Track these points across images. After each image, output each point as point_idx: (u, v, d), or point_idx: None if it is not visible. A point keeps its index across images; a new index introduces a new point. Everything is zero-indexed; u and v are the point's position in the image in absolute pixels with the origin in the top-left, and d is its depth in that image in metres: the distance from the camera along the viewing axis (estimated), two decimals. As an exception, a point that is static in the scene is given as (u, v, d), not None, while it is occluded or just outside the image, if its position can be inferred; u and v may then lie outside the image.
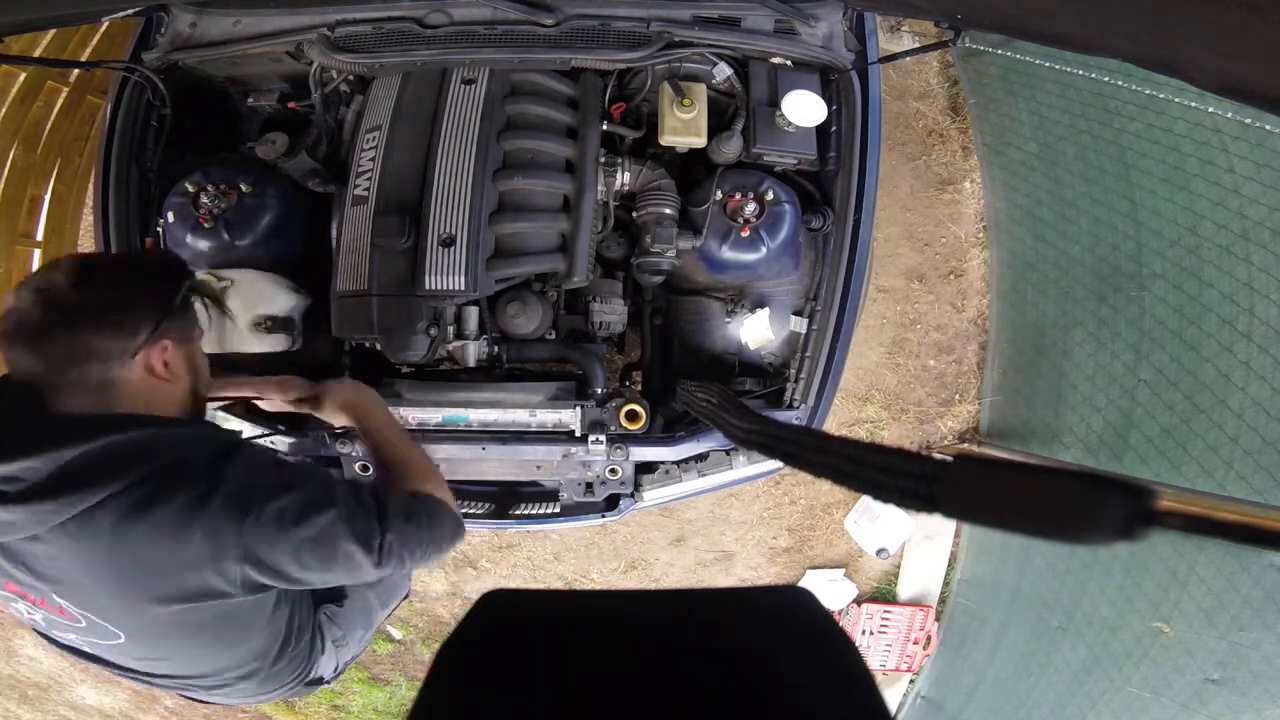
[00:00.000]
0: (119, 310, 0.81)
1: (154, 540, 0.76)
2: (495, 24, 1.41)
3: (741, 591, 0.42)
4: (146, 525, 0.76)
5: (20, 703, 2.82)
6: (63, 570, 0.78)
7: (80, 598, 0.81)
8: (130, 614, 0.82)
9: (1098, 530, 0.35)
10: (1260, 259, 1.56)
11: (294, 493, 0.82)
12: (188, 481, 0.78)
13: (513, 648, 0.32)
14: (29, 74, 1.97)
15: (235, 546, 0.79)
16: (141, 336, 0.81)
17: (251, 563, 0.80)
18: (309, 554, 0.82)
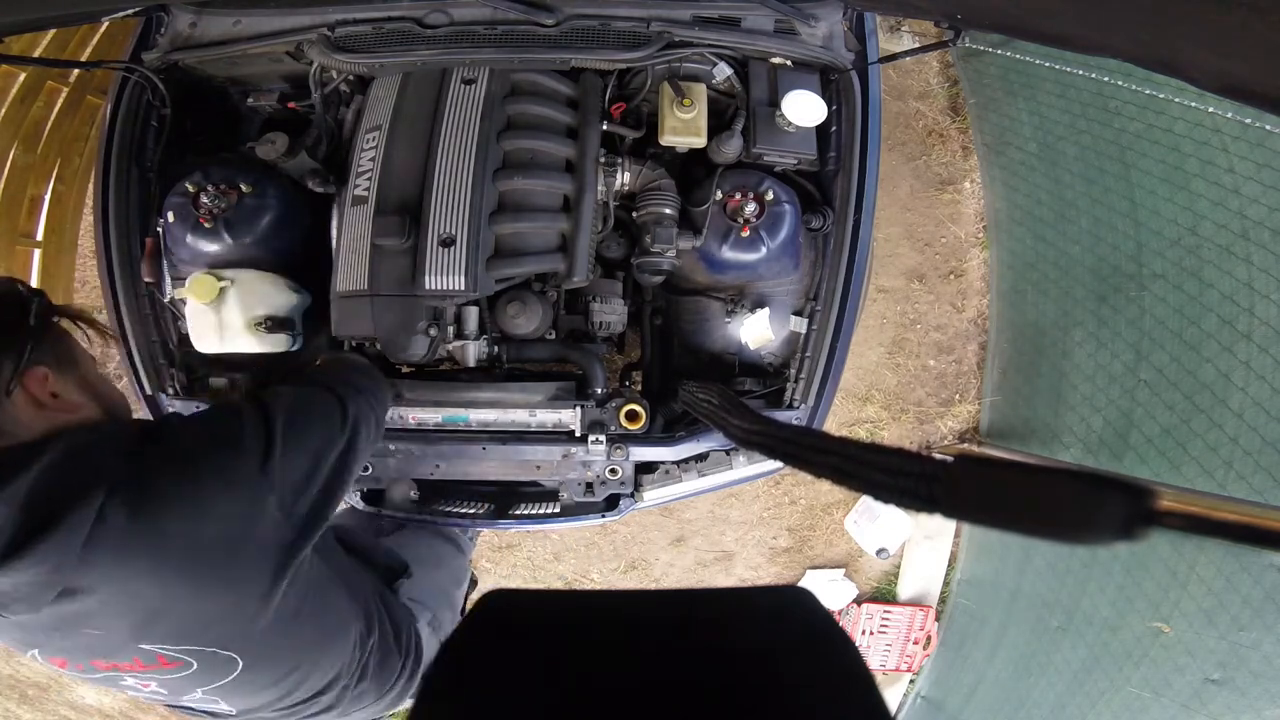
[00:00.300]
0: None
1: (185, 516, 0.72)
2: (495, 24, 1.41)
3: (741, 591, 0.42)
4: (164, 505, 0.71)
5: (20, 703, 2.82)
6: (126, 607, 0.72)
7: (166, 627, 0.76)
8: (222, 617, 0.79)
9: (1098, 530, 0.35)
10: (1260, 259, 1.56)
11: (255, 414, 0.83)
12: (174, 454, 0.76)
13: (513, 648, 0.32)
14: (29, 74, 1.97)
15: (259, 483, 0.78)
16: (6, 371, 0.71)
17: (279, 487, 0.79)
18: (299, 442, 0.83)
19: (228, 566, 0.76)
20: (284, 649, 0.90)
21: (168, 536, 0.71)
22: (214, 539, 0.74)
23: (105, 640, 0.75)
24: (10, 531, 0.64)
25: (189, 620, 0.76)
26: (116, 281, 1.45)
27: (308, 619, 0.91)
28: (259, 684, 0.90)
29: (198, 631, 0.78)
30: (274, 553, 0.80)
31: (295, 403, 0.89)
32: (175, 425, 0.82)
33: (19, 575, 0.64)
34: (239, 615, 0.80)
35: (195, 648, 0.79)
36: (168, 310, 1.49)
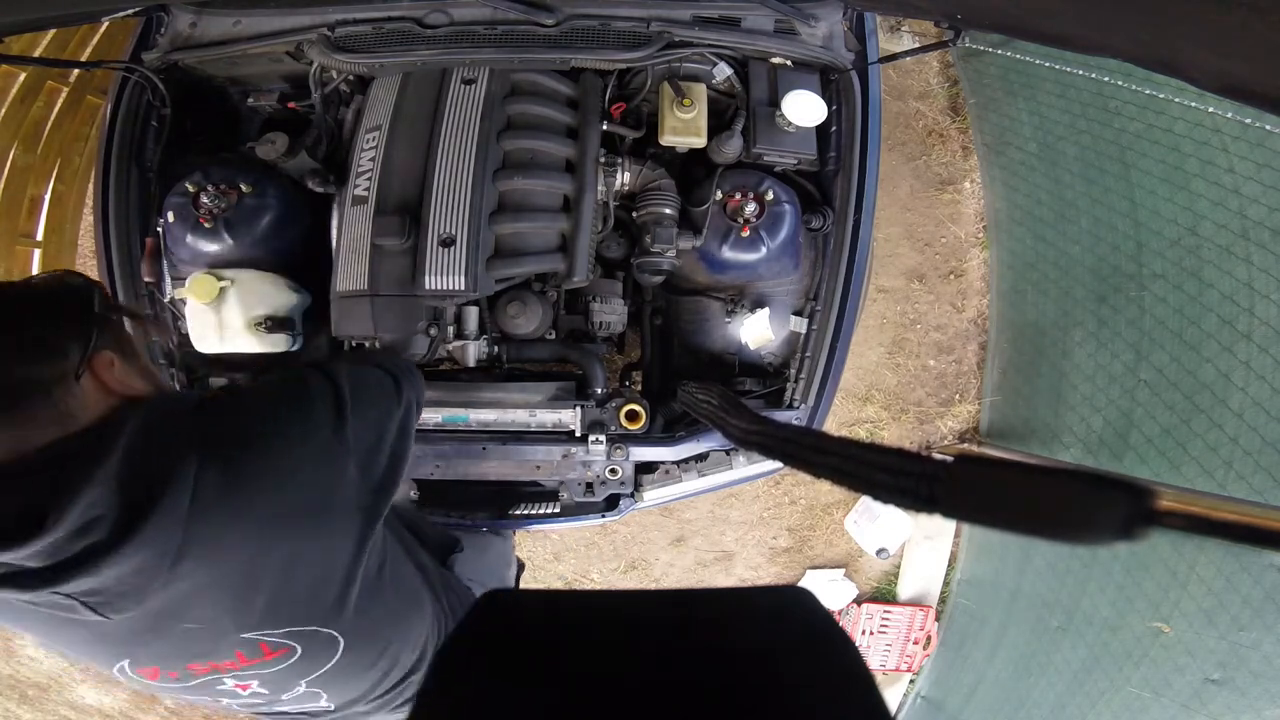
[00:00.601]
0: (35, 328, 0.66)
1: (274, 479, 0.71)
2: (495, 24, 1.41)
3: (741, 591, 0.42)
4: (254, 471, 0.70)
5: (20, 703, 2.82)
6: (226, 589, 0.70)
7: (267, 608, 0.73)
8: (319, 589, 0.77)
9: (1098, 530, 0.35)
10: (1260, 259, 1.56)
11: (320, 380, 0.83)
12: (251, 420, 0.75)
13: (513, 648, 0.32)
14: (29, 74, 1.97)
15: (336, 445, 0.77)
16: (74, 355, 0.67)
17: (355, 450, 0.79)
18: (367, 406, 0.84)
19: (318, 530, 0.75)
20: (376, 622, 0.88)
21: (259, 503, 0.70)
22: (303, 501, 0.73)
23: (206, 635, 0.72)
24: (112, 515, 0.60)
25: (288, 596, 0.74)
26: (116, 281, 1.45)
27: (389, 588, 0.90)
28: (358, 666, 0.88)
29: (298, 608, 0.76)
30: (358, 515, 0.79)
31: (354, 372, 0.88)
32: (244, 392, 0.80)
33: (124, 563, 0.61)
34: (333, 584, 0.78)
35: (297, 629, 0.77)
36: (168, 310, 1.49)
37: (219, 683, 0.81)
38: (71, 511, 0.58)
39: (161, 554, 0.63)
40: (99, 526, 0.60)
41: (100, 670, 0.79)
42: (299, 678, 0.84)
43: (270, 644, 0.77)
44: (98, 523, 0.60)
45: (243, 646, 0.76)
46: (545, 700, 0.29)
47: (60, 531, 0.58)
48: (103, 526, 0.60)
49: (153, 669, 0.77)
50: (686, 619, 0.35)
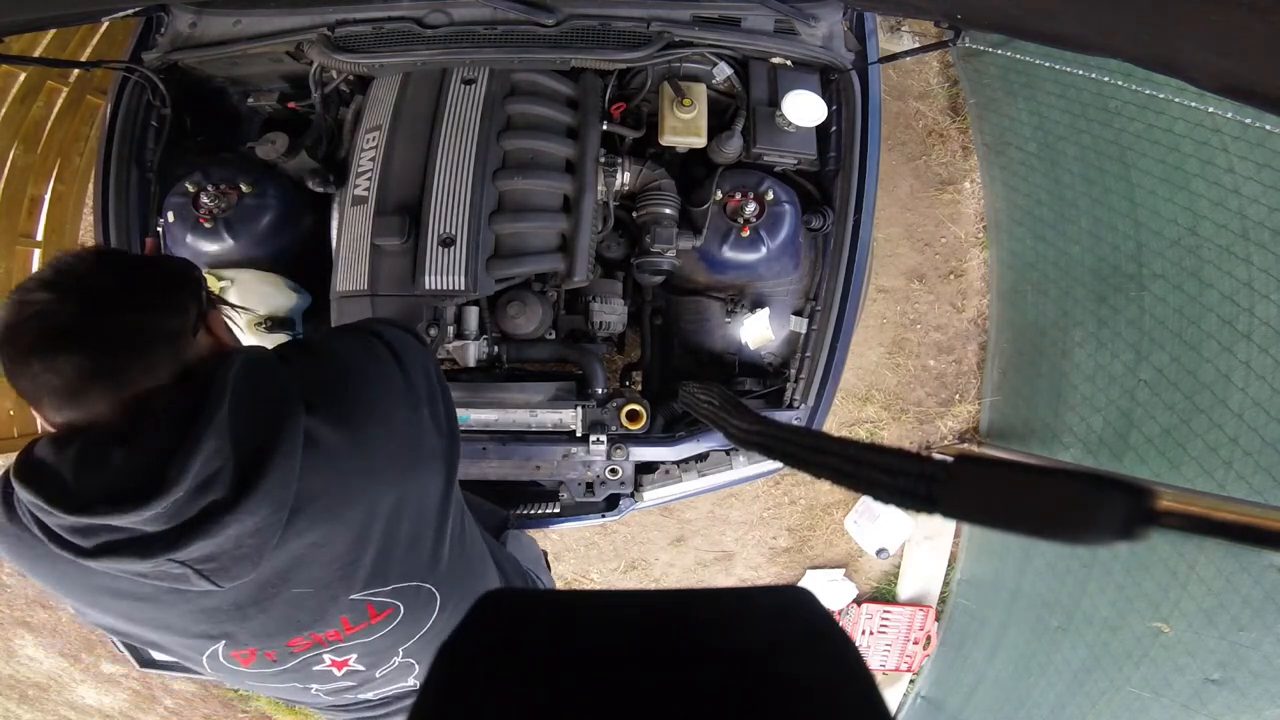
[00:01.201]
0: (164, 282, 0.67)
1: (376, 422, 0.70)
2: (495, 24, 1.41)
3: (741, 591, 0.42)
4: (356, 414, 0.69)
5: (20, 703, 2.82)
6: (337, 546, 0.67)
7: (373, 563, 0.71)
8: (418, 538, 0.76)
9: (1098, 530, 0.35)
10: (1260, 259, 1.56)
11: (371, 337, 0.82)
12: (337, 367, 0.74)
13: (513, 648, 0.32)
14: (29, 74, 1.97)
15: (410, 392, 0.77)
16: (193, 312, 0.67)
17: (424, 398, 0.79)
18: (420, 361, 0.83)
19: (416, 476, 0.74)
20: (465, 578, 0.87)
21: (371, 445, 0.68)
22: (402, 447, 0.73)
23: (313, 600, 0.69)
24: (230, 468, 0.57)
25: (393, 549, 0.73)
26: (116, 281, 1.45)
27: (469, 541, 0.90)
28: (453, 618, 0.85)
29: (401, 562, 0.74)
30: (440, 460, 0.78)
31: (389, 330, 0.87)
32: (317, 343, 0.79)
33: (246, 520, 0.58)
34: (428, 535, 0.77)
35: (400, 585, 0.75)
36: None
37: (316, 660, 0.77)
38: (193, 465, 0.55)
39: (280, 507, 0.61)
40: (219, 481, 0.57)
41: (184, 659, 0.75)
42: (398, 644, 0.81)
43: (376, 604, 0.74)
44: (218, 477, 0.57)
45: (349, 610, 0.73)
46: (545, 700, 0.29)
47: (182, 489, 0.55)
48: (223, 481, 0.57)
49: (249, 650, 0.73)
50: (686, 619, 0.35)
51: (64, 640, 2.73)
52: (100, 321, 0.59)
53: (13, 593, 2.67)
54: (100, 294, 0.60)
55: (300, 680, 0.81)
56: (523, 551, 1.30)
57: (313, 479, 0.63)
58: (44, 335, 0.57)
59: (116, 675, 2.79)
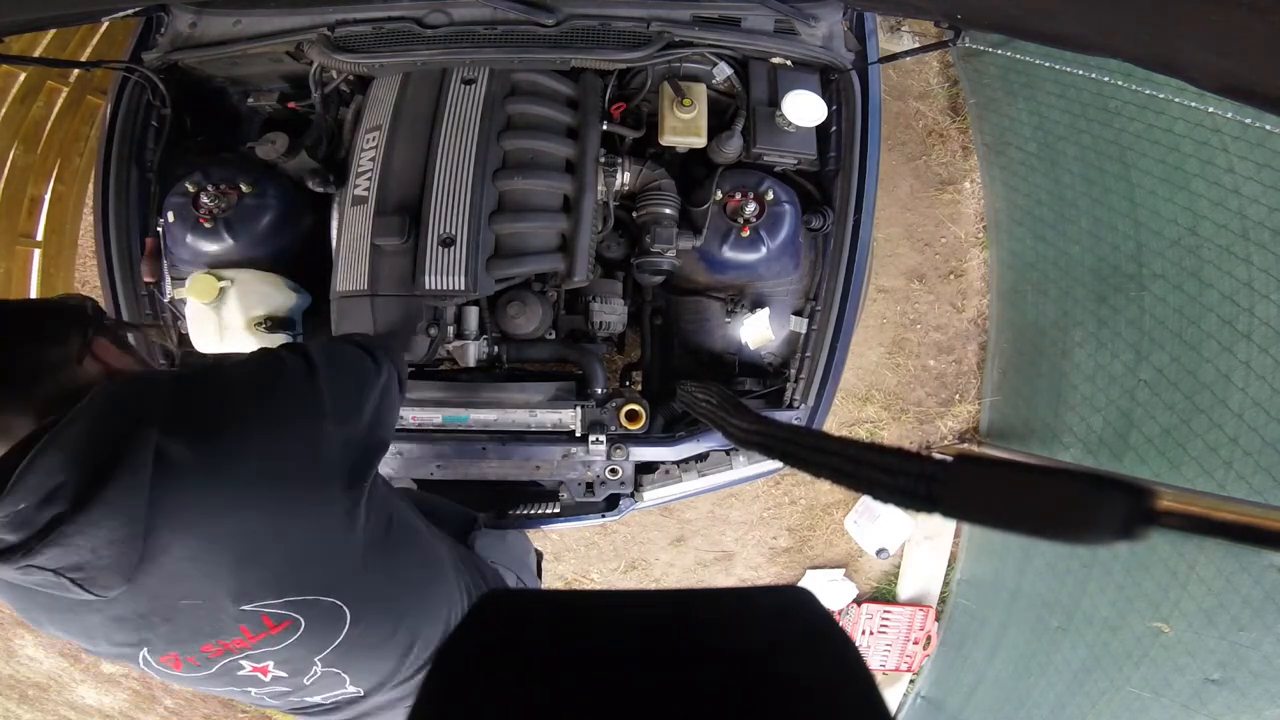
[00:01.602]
0: (37, 320, 0.74)
1: (244, 439, 0.71)
2: (495, 24, 1.41)
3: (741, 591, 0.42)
4: (222, 432, 0.71)
5: (20, 703, 2.82)
6: (215, 559, 0.69)
7: (261, 575, 0.72)
8: (313, 552, 0.76)
9: (1098, 530, 0.35)
10: (1260, 259, 1.56)
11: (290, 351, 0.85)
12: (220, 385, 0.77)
13: (512, 648, 0.32)
14: (29, 74, 1.97)
15: (310, 402, 0.79)
16: (74, 341, 0.73)
17: (331, 407, 0.80)
18: (339, 374, 0.85)
19: (300, 486, 0.75)
20: (387, 590, 0.87)
21: (233, 464, 0.70)
22: (280, 460, 0.73)
23: (205, 611, 0.72)
24: (73, 481, 0.61)
25: (281, 562, 0.74)
26: (116, 281, 1.45)
27: (400, 555, 0.89)
28: (373, 639, 0.86)
29: (294, 575, 0.75)
30: (342, 475, 0.78)
31: (326, 345, 0.90)
32: (213, 365, 0.83)
33: (96, 532, 0.62)
34: (328, 547, 0.78)
35: (296, 598, 0.76)
36: (168, 310, 1.49)
37: (237, 666, 0.80)
38: (29, 478, 0.60)
39: (130, 522, 0.64)
40: (62, 495, 0.61)
41: (130, 667, 0.80)
42: (312, 655, 0.82)
43: (271, 616, 0.76)
44: (60, 490, 0.61)
45: (245, 620, 0.75)
46: (544, 700, 0.29)
47: (21, 499, 0.59)
48: (65, 495, 0.61)
49: (172, 656, 0.77)
50: (686, 619, 0.35)
51: (64, 640, 2.73)
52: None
53: (13, 593, 2.67)
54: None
55: (234, 685, 0.83)
56: (498, 551, 1.29)
57: (168, 496, 0.66)
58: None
59: (116, 675, 2.79)
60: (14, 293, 2.06)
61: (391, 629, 0.89)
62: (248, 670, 0.81)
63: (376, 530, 0.85)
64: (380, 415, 0.90)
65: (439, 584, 0.98)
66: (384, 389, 0.94)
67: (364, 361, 0.94)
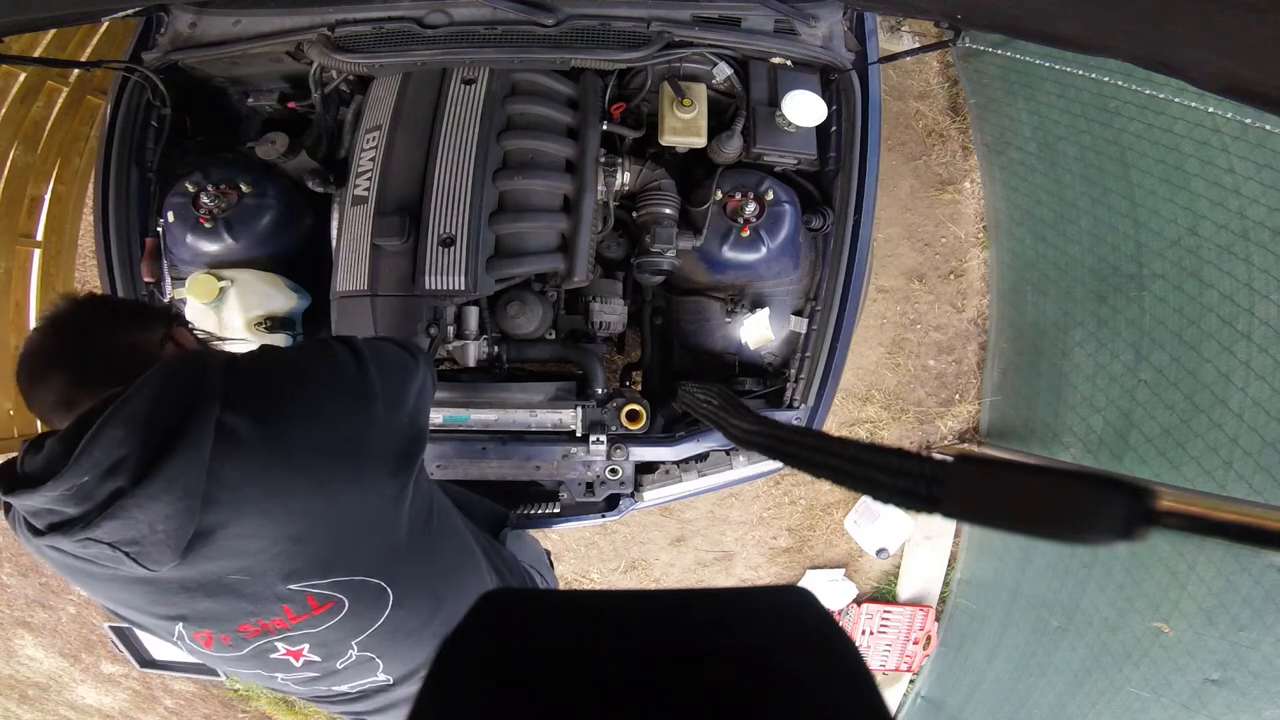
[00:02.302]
0: (129, 310, 0.84)
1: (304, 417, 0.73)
2: (495, 24, 1.41)
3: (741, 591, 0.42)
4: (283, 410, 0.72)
5: (20, 703, 2.82)
6: (266, 536, 0.70)
7: (311, 554, 0.73)
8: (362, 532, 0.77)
9: (1098, 530, 0.35)
10: (1260, 259, 1.56)
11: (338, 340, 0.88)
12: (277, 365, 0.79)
13: (512, 648, 0.32)
14: (29, 74, 1.97)
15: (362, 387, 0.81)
16: (159, 329, 0.82)
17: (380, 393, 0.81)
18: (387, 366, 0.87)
19: (355, 467, 0.75)
20: (428, 576, 0.87)
21: (293, 440, 0.71)
22: (336, 439, 0.74)
23: (251, 588, 0.73)
24: (135, 454, 0.62)
25: (331, 540, 0.75)
26: (116, 281, 1.45)
27: (439, 536, 0.90)
28: (412, 624, 0.86)
29: (343, 555, 0.76)
30: (391, 458, 0.80)
31: (368, 339, 0.93)
32: (268, 347, 0.84)
33: (151, 506, 0.63)
34: (377, 530, 0.78)
35: (343, 578, 0.76)
36: (168, 310, 1.49)
37: (270, 649, 0.80)
38: (93, 451, 0.61)
39: (187, 496, 0.64)
40: (124, 468, 0.62)
41: (163, 638, 0.81)
42: (350, 638, 0.82)
43: (317, 596, 0.76)
44: (123, 464, 0.62)
45: (289, 600, 0.75)
46: (543, 700, 0.29)
47: (85, 472, 0.60)
48: (127, 468, 0.62)
49: (206, 633, 0.77)
50: (686, 619, 0.35)
51: (64, 640, 2.73)
52: (76, 346, 0.75)
53: (13, 593, 2.67)
54: (73, 326, 0.77)
55: (262, 668, 0.83)
56: (525, 550, 1.30)
57: (229, 471, 0.67)
58: (36, 363, 0.75)
59: (116, 675, 2.79)
60: (14, 293, 2.06)
61: (430, 614, 0.89)
62: (281, 654, 0.81)
63: (420, 515, 0.85)
64: (420, 405, 0.93)
65: (475, 574, 0.99)
66: (423, 383, 0.96)
67: (405, 355, 0.96)
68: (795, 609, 0.36)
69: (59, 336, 0.76)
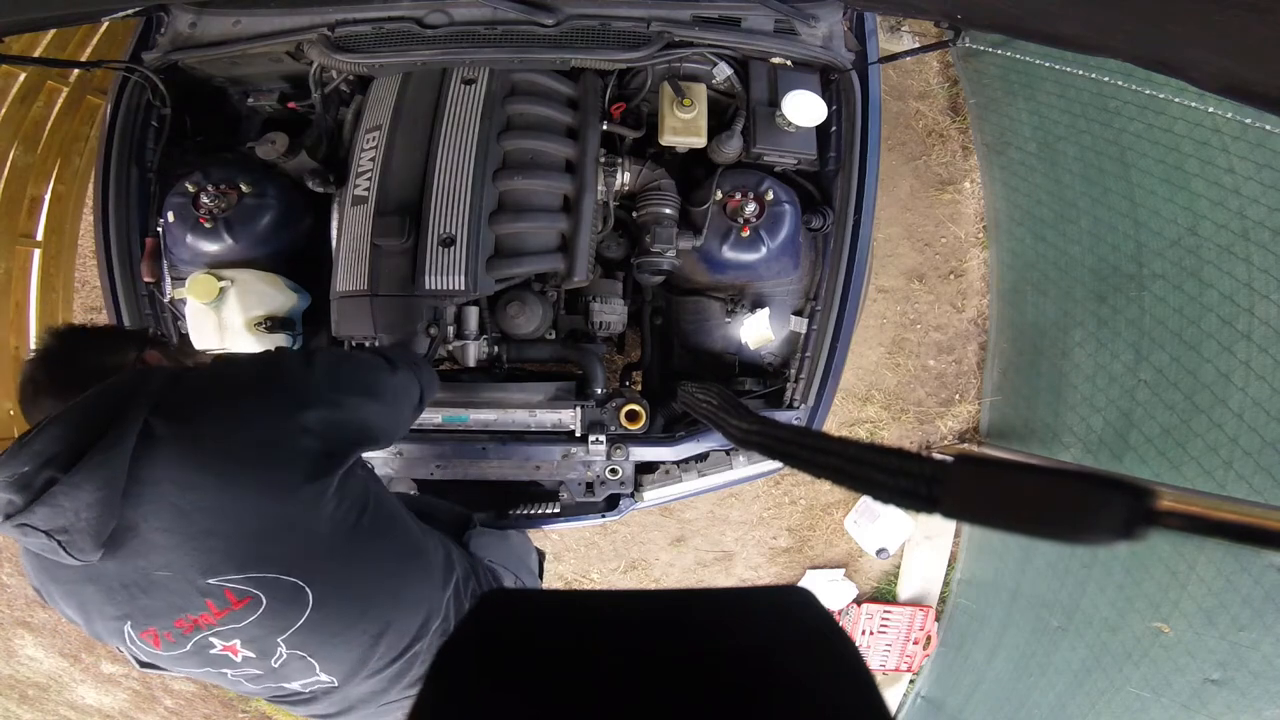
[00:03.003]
0: (101, 337, 0.97)
1: (218, 419, 0.79)
2: (495, 24, 1.41)
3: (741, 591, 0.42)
4: (200, 413, 0.79)
5: (20, 703, 2.82)
6: (183, 532, 0.76)
7: (224, 550, 0.78)
8: (273, 530, 0.81)
9: (1098, 530, 0.35)
10: (1260, 259, 1.56)
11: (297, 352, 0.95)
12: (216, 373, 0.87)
13: (512, 648, 0.32)
14: (29, 74, 1.97)
15: (296, 391, 0.87)
16: (132, 351, 0.95)
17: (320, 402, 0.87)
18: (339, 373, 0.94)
19: (266, 469, 0.80)
20: (355, 576, 0.89)
21: (205, 441, 0.77)
22: (249, 442, 0.79)
23: (176, 583, 0.78)
24: (63, 446, 0.71)
25: (244, 537, 0.79)
26: (116, 281, 1.45)
27: (371, 538, 0.91)
28: (337, 624, 0.88)
29: (255, 551, 0.80)
30: (314, 457, 0.84)
31: (338, 350, 1.00)
32: (220, 358, 0.93)
33: (77, 494, 0.70)
34: (291, 528, 0.82)
35: (257, 574, 0.80)
36: (168, 310, 1.49)
37: (208, 644, 0.84)
38: (34, 444, 0.70)
39: (107, 487, 0.71)
40: (56, 460, 0.70)
41: (119, 647, 0.87)
42: (274, 635, 0.85)
43: (235, 591, 0.80)
44: (56, 457, 0.70)
45: (210, 594, 0.80)
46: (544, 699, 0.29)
47: (25, 462, 0.70)
48: (59, 460, 0.70)
49: (151, 631, 0.83)
50: (686, 619, 0.35)
51: (64, 640, 2.73)
52: (57, 374, 0.89)
53: (13, 593, 2.67)
54: (54, 357, 0.92)
55: (209, 665, 0.87)
56: (495, 551, 1.30)
57: (148, 468, 0.74)
58: (26, 392, 0.90)
59: (116, 675, 2.79)
60: (14, 293, 2.06)
61: (357, 616, 0.90)
62: (219, 649, 0.85)
63: (348, 517, 0.88)
64: (381, 411, 0.97)
65: (418, 577, 0.99)
66: (396, 388, 1.01)
67: (377, 360, 1.02)
68: (795, 609, 0.36)
69: (43, 366, 0.91)
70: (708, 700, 0.29)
